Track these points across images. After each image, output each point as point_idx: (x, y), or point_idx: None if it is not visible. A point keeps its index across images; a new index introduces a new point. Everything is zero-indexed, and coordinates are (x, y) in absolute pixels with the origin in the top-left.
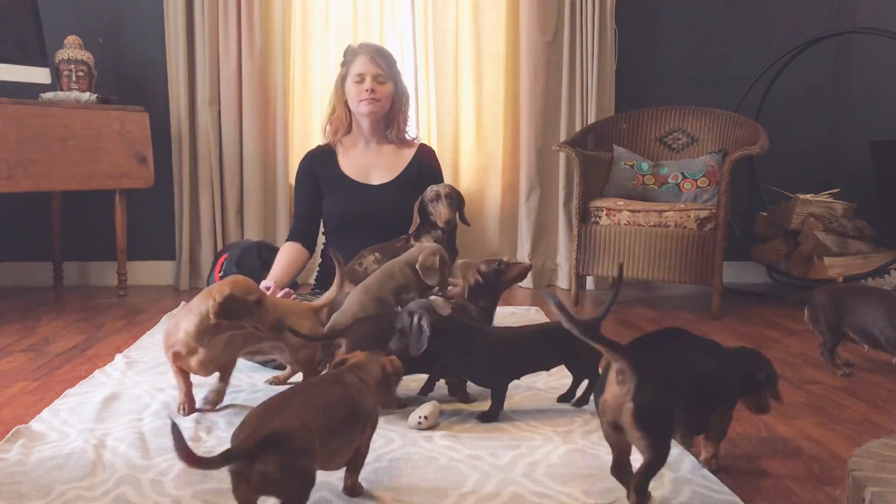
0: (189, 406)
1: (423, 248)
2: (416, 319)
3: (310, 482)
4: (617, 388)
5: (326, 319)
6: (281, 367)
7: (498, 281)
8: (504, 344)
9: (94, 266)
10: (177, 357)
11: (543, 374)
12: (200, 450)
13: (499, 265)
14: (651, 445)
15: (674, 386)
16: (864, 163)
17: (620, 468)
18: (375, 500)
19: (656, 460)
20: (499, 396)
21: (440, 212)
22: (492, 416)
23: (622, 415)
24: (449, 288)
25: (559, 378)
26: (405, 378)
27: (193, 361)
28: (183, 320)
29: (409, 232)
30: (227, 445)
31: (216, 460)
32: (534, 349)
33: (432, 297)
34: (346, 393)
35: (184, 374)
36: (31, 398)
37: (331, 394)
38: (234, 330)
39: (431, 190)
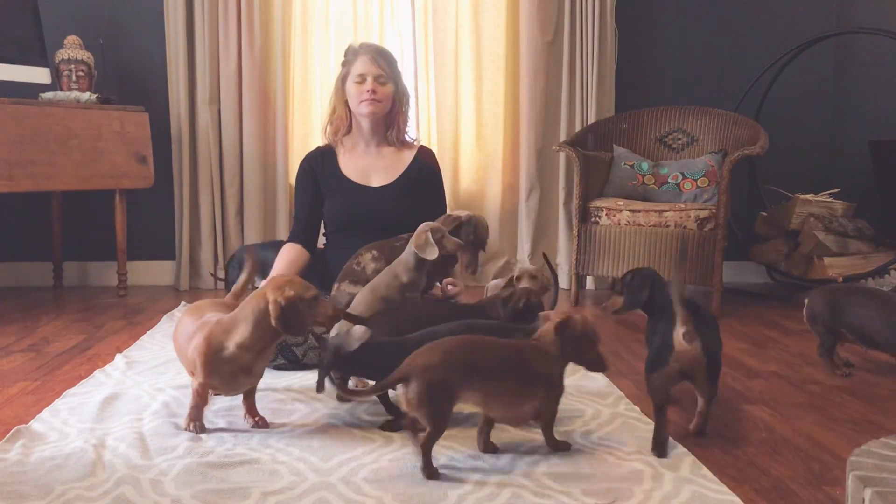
0: (201, 426)
1: (414, 235)
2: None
3: (442, 410)
4: (686, 346)
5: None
6: (281, 366)
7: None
8: None
9: (94, 266)
10: (232, 378)
11: None
12: (201, 449)
13: (525, 305)
14: (713, 387)
15: (717, 342)
16: (864, 163)
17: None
18: (375, 500)
19: (716, 395)
20: None
21: (466, 260)
22: (396, 427)
23: (695, 367)
24: (449, 288)
25: None
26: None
27: (246, 381)
28: (230, 334)
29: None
30: (228, 444)
31: (369, 392)
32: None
33: (347, 329)
34: (515, 352)
35: (206, 395)
36: (31, 398)
37: (494, 346)
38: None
39: (482, 231)
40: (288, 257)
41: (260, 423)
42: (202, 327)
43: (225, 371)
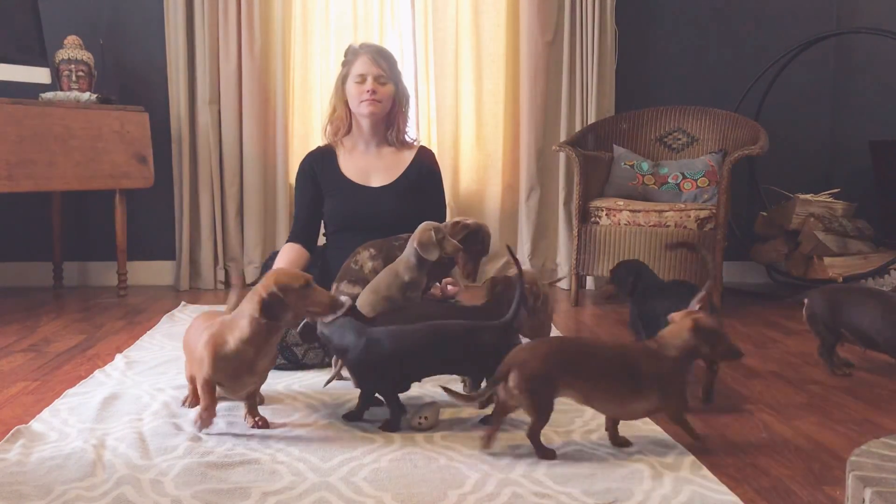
0: (209, 420)
1: (417, 232)
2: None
3: (543, 400)
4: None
5: None
6: (281, 366)
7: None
8: (382, 345)
9: (94, 266)
10: (236, 375)
11: None
12: (201, 449)
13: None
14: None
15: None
16: (864, 163)
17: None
18: (375, 499)
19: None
20: (390, 403)
21: (465, 265)
22: (392, 426)
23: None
24: (448, 288)
25: None
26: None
27: (250, 380)
28: (233, 330)
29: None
30: (227, 444)
31: (485, 393)
32: (424, 350)
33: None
34: (619, 354)
35: (213, 391)
36: (31, 398)
37: (594, 347)
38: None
39: (487, 239)
40: (288, 257)
41: (260, 424)
42: (210, 326)
43: (229, 367)
